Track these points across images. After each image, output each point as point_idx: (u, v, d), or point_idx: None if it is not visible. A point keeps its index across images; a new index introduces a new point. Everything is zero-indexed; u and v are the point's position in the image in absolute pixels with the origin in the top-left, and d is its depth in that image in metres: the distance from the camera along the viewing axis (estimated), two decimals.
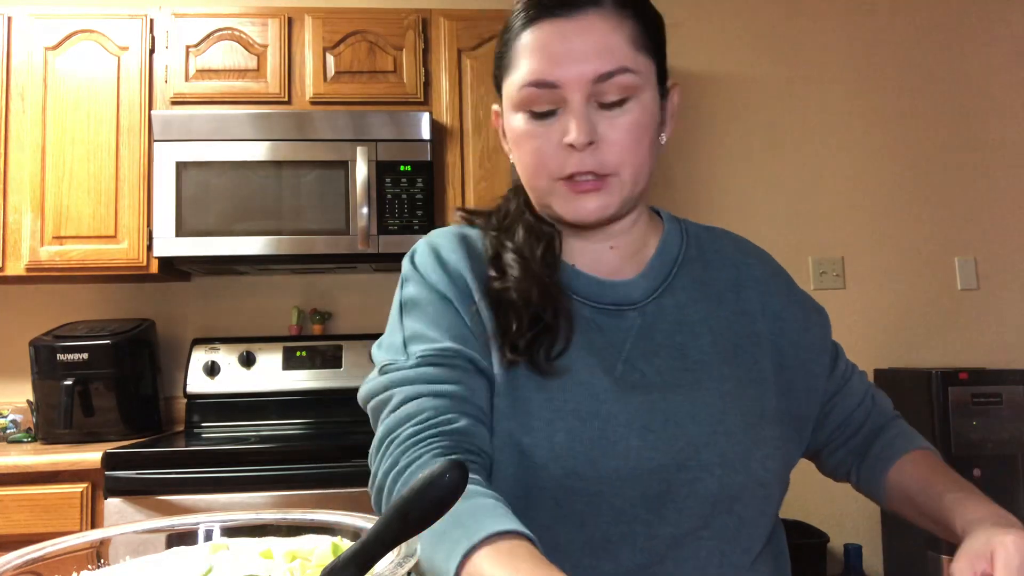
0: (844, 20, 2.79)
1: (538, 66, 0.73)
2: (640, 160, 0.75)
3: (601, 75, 0.71)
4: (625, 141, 0.73)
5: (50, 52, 2.25)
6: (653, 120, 0.76)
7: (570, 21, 0.72)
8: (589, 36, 0.72)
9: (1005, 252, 2.76)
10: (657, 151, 0.79)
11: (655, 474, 0.72)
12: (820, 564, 2.28)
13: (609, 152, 0.73)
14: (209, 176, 2.19)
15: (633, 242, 0.84)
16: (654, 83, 0.76)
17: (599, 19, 0.72)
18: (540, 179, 0.76)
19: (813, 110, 2.76)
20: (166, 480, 1.83)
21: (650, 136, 0.76)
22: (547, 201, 0.78)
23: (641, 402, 0.74)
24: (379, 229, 2.20)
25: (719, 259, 0.87)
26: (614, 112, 0.73)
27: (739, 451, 0.74)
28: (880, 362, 2.65)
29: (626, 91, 0.73)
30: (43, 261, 2.19)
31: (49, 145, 2.22)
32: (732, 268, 0.86)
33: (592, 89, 0.72)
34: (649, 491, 0.72)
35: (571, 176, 0.74)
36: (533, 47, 0.73)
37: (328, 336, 2.49)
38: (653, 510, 0.72)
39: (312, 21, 2.32)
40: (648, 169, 0.78)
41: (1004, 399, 2.28)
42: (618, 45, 0.72)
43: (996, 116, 2.80)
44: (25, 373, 2.26)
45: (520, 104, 0.75)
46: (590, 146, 0.72)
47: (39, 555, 0.52)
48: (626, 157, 0.74)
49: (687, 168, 2.72)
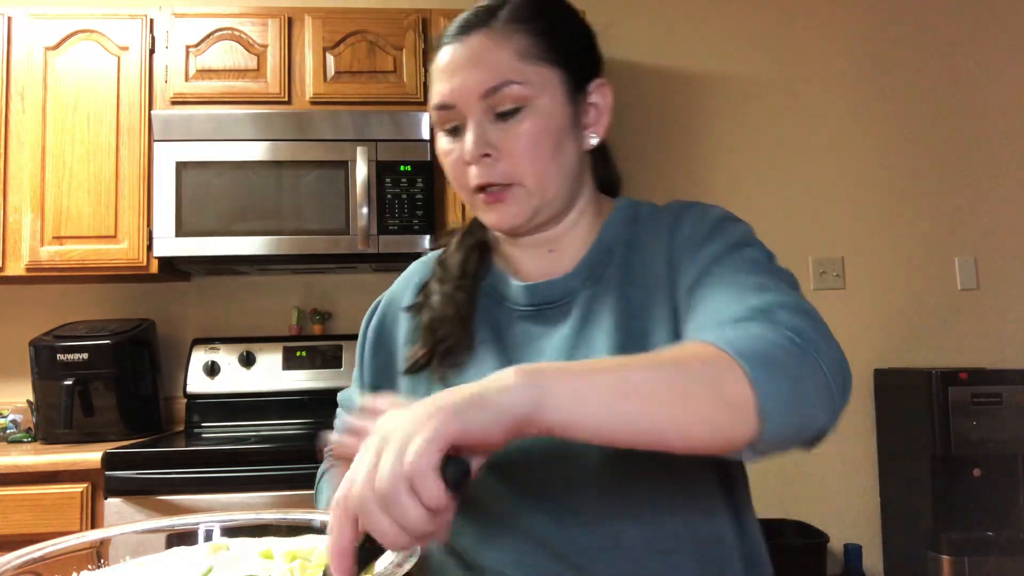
0: (844, 21, 2.79)
1: (438, 89, 0.79)
2: (541, 166, 0.78)
3: (487, 90, 0.76)
4: (521, 149, 0.76)
5: (50, 52, 2.25)
6: (555, 125, 0.78)
7: (461, 44, 0.78)
8: (474, 55, 0.77)
9: (1005, 252, 2.76)
10: (574, 153, 0.81)
11: (542, 462, 0.75)
12: (820, 564, 2.28)
13: (506, 162, 0.77)
14: (209, 176, 2.19)
15: (574, 242, 0.85)
16: (556, 90, 0.78)
17: (486, 38, 0.77)
18: (461, 192, 0.82)
19: (813, 110, 2.76)
20: (166, 480, 1.83)
21: (552, 141, 0.78)
22: (474, 213, 0.84)
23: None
24: (379, 229, 2.20)
25: (653, 238, 0.82)
26: (509, 123, 0.77)
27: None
28: (880, 362, 2.65)
29: (518, 101, 0.76)
30: (43, 261, 2.19)
31: (49, 145, 2.22)
32: (663, 242, 0.81)
33: (484, 104, 0.76)
34: (543, 478, 0.75)
35: (479, 188, 0.79)
36: (435, 73, 0.80)
37: (328, 336, 2.49)
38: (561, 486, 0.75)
39: (312, 21, 2.32)
40: (557, 173, 0.79)
41: (1004, 399, 2.28)
42: (502, 59, 0.76)
43: (996, 116, 2.80)
44: (25, 373, 2.26)
45: (437, 125, 0.81)
46: (487, 158, 0.77)
47: (39, 555, 0.52)
48: (524, 165, 0.77)
49: (687, 168, 2.72)
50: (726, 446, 0.57)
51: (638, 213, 0.85)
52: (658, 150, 2.72)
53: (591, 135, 0.83)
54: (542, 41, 0.78)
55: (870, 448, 2.64)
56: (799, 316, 0.63)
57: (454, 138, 0.80)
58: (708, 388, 0.56)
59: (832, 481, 2.64)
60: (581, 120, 0.82)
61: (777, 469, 2.65)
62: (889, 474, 2.58)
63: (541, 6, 0.80)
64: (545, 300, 0.83)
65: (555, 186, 0.79)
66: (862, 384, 2.65)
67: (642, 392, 0.55)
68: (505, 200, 0.78)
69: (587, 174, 0.86)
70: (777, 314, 0.63)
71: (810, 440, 0.61)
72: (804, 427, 0.59)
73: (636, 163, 2.69)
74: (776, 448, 0.59)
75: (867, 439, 2.65)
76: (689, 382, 0.56)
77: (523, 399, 0.52)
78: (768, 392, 0.56)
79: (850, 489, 2.64)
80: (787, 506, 2.61)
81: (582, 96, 0.81)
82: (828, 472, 2.65)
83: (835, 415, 0.61)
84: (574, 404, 0.53)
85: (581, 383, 0.54)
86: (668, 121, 2.73)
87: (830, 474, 2.64)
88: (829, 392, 0.60)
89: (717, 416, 0.56)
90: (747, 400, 0.56)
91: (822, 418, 0.60)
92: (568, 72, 0.79)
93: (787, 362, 0.58)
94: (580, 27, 0.84)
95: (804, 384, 0.58)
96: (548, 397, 0.53)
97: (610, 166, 0.92)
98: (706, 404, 0.56)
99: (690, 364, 0.57)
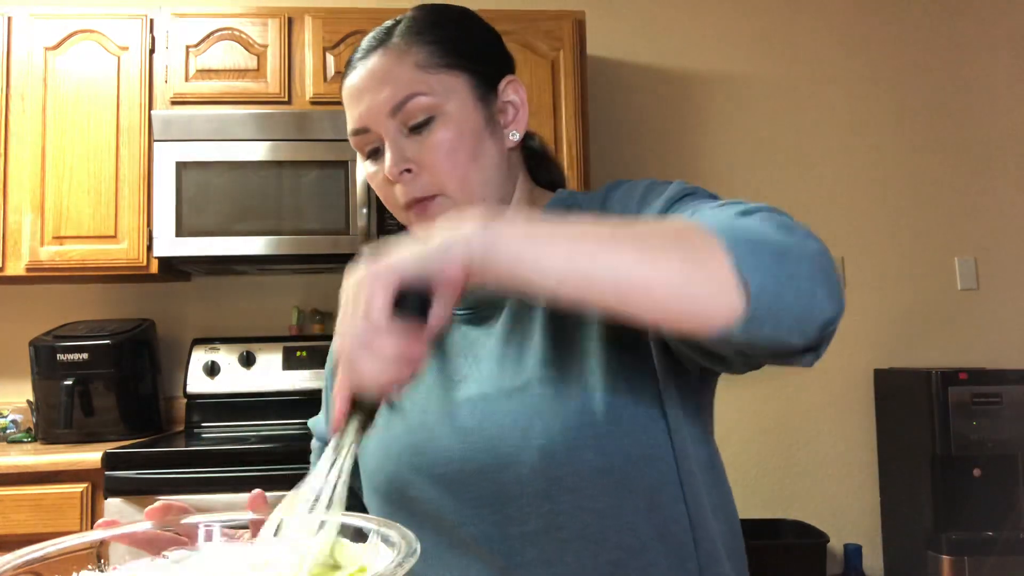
0: (844, 20, 2.79)
1: (350, 115, 0.79)
2: (462, 172, 0.77)
3: (394, 106, 0.76)
4: (439, 159, 0.76)
5: (50, 52, 2.25)
6: (469, 128, 0.78)
7: (363, 67, 0.78)
8: (376, 75, 0.77)
9: (1005, 252, 2.76)
10: (496, 153, 0.80)
11: (478, 473, 0.73)
12: (820, 564, 2.28)
13: (427, 174, 0.77)
14: (209, 176, 2.19)
15: None
16: (463, 94, 0.78)
17: (384, 57, 0.77)
18: (395, 212, 0.81)
19: (813, 110, 2.76)
20: (166, 480, 1.83)
21: (468, 145, 0.77)
22: (410, 229, 0.82)
23: (461, 401, 0.77)
24: (379, 229, 2.21)
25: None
26: (423, 135, 0.76)
27: (560, 446, 0.71)
28: (880, 362, 2.65)
29: (427, 111, 0.76)
30: (43, 261, 2.19)
31: (49, 145, 2.22)
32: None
33: (395, 121, 0.76)
34: (481, 490, 0.73)
35: (407, 206, 0.78)
36: (345, 100, 0.80)
37: (328, 336, 2.49)
38: (494, 509, 0.73)
39: (312, 21, 2.32)
40: (480, 176, 0.78)
41: (1004, 399, 2.28)
42: (404, 73, 0.76)
43: (996, 116, 2.81)
44: (25, 373, 2.26)
45: (358, 151, 0.81)
46: (409, 173, 0.77)
47: (39, 555, 0.52)
48: (445, 174, 0.77)
49: (686, 168, 2.72)
50: (702, 318, 0.52)
51: (575, 202, 0.84)
52: (657, 150, 2.72)
53: (511, 132, 0.82)
54: (440, 49, 0.78)
55: (870, 448, 2.64)
56: (777, 213, 0.59)
57: (376, 161, 0.79)
58: (680, 249, 0.51)
59: (832, 481, 2.64)
60: (497, 120, 0.82)
61: (777, 469, 2.65)
62: (889, 474, 2.58)
63: (435, 18, 0.81)
64: (479, 301, 0.82)
65: (480, 189, 0.79)
66: (862, 384, 2.65)
67: (604, 243, 0.51)
68: (432, 211, 0.78)
69: (519, 172, 0.85)
70: (755, 214, 0.58)
71: (815, 336, 0.54)
72: (803, 308, 0.53)
73: (635, 163, 2.69)
74: (774, 332, 0.52)
75: (867, 439, 2.65)
76: (661, 240, 0.52)
77: (472, 240, 0.52)
78: (750, 264, 0.51)
79: (850, 489, 2.64)
80: (787, 506, 2.61)
81: (493, 96, 0.81)
82: (828, 472, 2.65)
83: (838, 304, 0.54)
84: (525, 245, 0.52)
85: (536, 228, 0.53)
86: (667, 121, 2.73)
87: (830, 474, 2.65)
88: (826, 275, 0.54)
89: (690, 277, 0.51)
90: (725, 267, 0.51)
91: (824, 303, 0.53)
92: (473, 75, 0.79)
93: (772, 240, 0.53)
94: (479, 29, 0.84)
95: (793, 261, 0.53)
96: (500, 239, 0.52)
97: (550, 165, 0.91)
98: (677, 263, 0.51)
99: (663, 228, 0.54)
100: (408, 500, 0.77)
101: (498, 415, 0.74)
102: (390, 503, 0.79)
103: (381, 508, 0.79)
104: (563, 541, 0.71)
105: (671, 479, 0.73)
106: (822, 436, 2.66)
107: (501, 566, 0.72)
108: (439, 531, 0.76)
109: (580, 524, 0.71)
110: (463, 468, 0.74)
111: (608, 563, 0.71)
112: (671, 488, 0.73)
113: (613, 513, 0.71)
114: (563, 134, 2.33)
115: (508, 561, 0.72)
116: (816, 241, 0.56)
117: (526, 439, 0.71)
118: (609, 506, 0.71)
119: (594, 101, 2.60)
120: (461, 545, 0.74)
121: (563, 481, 0.70)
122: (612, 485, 0.71)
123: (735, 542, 0.79)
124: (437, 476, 0.74)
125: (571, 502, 0.71)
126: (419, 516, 0.76)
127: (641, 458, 0.72)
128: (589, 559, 0.71)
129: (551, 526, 0.71)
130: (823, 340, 0.56)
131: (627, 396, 0.72)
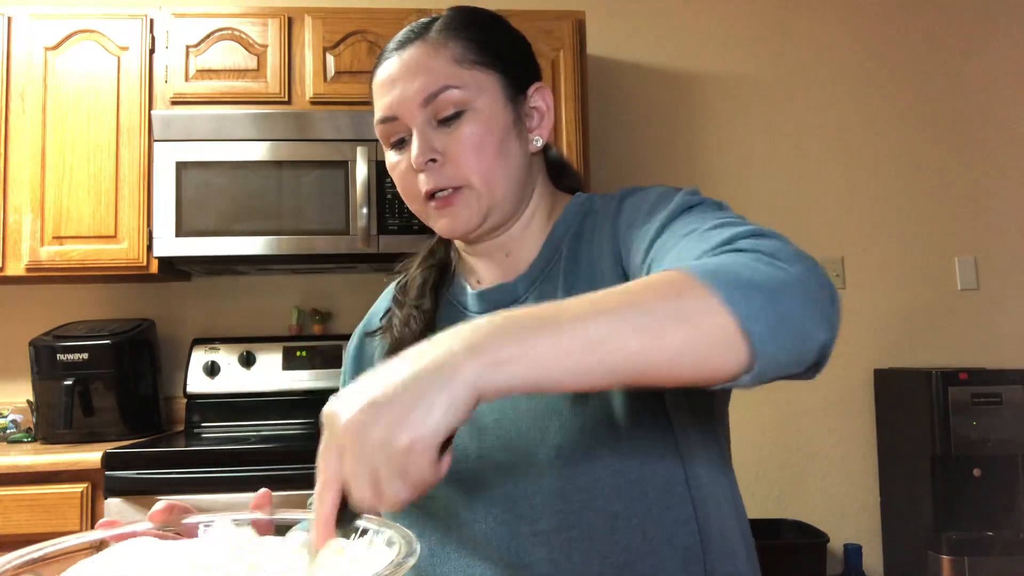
0: (844, 20, 2.79)
1: (380, 103, 0.81)
2: (487, 166, 0.78)
3: (426, 96, 0.77)
4: (465, 152, 0.78)
5: (50, 52, 2.25)
6: (498, 126, 0.79)
7: (398, 58, 0.81)
8: (411, 66, 0.79)
9: (1005, 252, 2.76)
10: (520, 155, 0.82)
11: (493, 471, 0.74)
12: (820, 564, 2.28)
13: (452, 165, 0.78)
14: (209, 176, 2.19)
15: (528, 245, 0.86)
16: (494, 93, 0.80)
17: (421, 49, 0.80)
18: (412, 203, 0.82)
19: (813, 110, 2.76)
20: (166, 480, 1.83)
21: (495, 141, 0.79)
22: (427, 223, 0.83)
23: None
24: (379, 229, 2.20)
25: (599, 229, 0.82)
26: (451, 127, 0.78)
27: (577, 446, 0.72)
28: (880, 362, 2.65)
29: (458, 105, 0.78)
30: (43, 261, 2.19)
31: (49, 145, 2.22)
32: (607, 232, 0.80)
33: (425, 112, 0.78)
34: (495, 488, 0.74)
35: (429, 195, 0.79)
36: (376, 88, 0.82)
37: (328, 336, 2.49)
38: (506, 508, 0.73)
39: (312, 21, 2.32)
40: (504, 173, 0.80)
41: (1004, 399, 2.28)
42: (439, 66, 0.78)
43: (996, 116, 2.81)
44: (25, 373, 2.26)
45: (383, 140, 0.83)
46: (434, 163, 0.78)
47: (39, 555, 0.52)
48: (470, 166, 0.78)
49: (686, 168, 2.72)
50: (717, 375, 0.54)
51: (592, 206, 0.85)
52: (657, 150, 2.72)
53: (535, 137, 0.84)
54: (476, 47, 0.80)
55: (870, 448, 2.64)
56: (762, 239, 0.60)
57: (400, 150, 0.81)
58: (681, 316, 0.53)
59: (832, 481, 2.64)
60: (523, 123, 0.83)
61: (777, 469, 2.65)
62: (889, 474, 2.58)
63: (472, 17, 0.83)
64: (497, 304, 0.82)
65: (503, 186, 0.80)
66: (862, 384, 2.65)
67: (604, 328, 0.52)
68: (455, 204, 0.79)
69: (539, 177, 0.87)
70: (738, 244, 0.60)
71: (814, 360, 0.57)
72: (800, 343, 0.55)
73: (635, 163, 2.69)
74: (778, 371, 0.55)
75: (867, 439, 2.65)
76: (659, 307, 0.53)
77: (468, 374, 0.49)
78: (747, 314, 0.53)
79: (850, 489, 2.64)
80: (787, 506, 2.61)
81: (522, 99, 0.83)
82: (828, 472, 2.65)
83: (831, 327, 0.57)
84: (525, 365, 0.51)
85: (528, 336, 0.51)
86: (667, 121, 2.73)
87: (830, 474, 2.65)
88: (816, 303, 0.56)
89: (696, 343, 0.52)
90: (726, 325, 0.52)
91: (817, 332, 0.56)
92: (505, 75, 0.81)
93: (759, 279, 0.55)
94: (513, 35, 0.86)
95: (784, 299, 0.55)
96: (499, 366, 0.50)
97: (568, 171, 0.93)
98: (681, 333, 0.52)
99: (656, 293, 0.54)
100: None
101: (516, 413, 0.75)
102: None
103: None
104: (572, 541, 0.71)
105: (678, 479, 0.73)
106: (822, 436, 2.66)
107: (507, 564, 0.72)
108: (447, 528, 0.76)
109: (590, 524, 0.71)
110: (479, 465, 0.74)
111: (615, 564, 0.71)
112: (679, 489, 0.73)
113: (624, 514, 0.71)
114: (563, 134, 2.33)
115: (515, 560, 0.72)
116: (802, 263, 0.57)
117: (543, 437, 0.72)
118: (621, 507, 0.71)
119: (594, 101, 2.60)
120: (469, 543, 0.75)
121: (578, 480, 0.71)
122: (625, 486, 0.72)
123: (747, 540, 0.79)
124: (452, 473, 0.73)
125: (583, 502, 0.71)
126: (428, 512, 0.77)
127: (653, 459, 0.73)
128: (596, 560, 0.71)
129: (562, 525, 0.71)
130: (822, 360, 0.58)
131: (641, 397, 0.73)
